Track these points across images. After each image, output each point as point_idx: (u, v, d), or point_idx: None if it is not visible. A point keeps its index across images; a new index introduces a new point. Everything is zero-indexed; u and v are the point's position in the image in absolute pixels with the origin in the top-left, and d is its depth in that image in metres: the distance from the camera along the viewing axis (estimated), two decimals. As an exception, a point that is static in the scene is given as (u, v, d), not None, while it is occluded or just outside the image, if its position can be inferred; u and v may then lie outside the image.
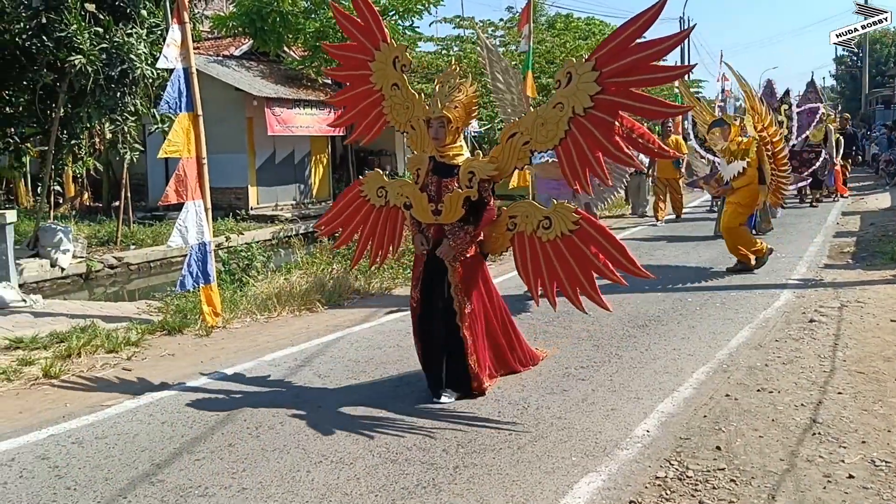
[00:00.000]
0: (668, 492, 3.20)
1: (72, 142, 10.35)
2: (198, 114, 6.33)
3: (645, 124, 5.49)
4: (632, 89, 3.89)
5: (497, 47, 20.97)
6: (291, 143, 18.72)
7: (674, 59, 32.39)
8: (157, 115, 9.78)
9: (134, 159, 11.07)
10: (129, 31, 9.11)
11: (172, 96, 6.15)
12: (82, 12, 8.94)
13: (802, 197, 14.73)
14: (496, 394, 4.43)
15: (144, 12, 9.41)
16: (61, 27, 8.76)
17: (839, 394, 4.29)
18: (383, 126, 4.80)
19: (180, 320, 6.45)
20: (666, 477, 3.33)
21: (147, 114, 10.41)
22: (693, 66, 9.89)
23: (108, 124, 10.37)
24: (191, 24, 6.64)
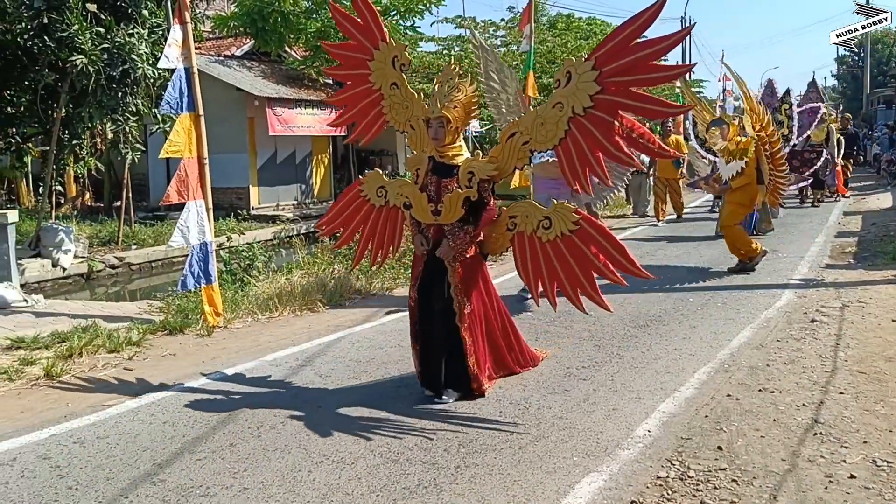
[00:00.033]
0: (670, 492, 3.20)
1: (73, 142, 10.36)
2: (199, 114, 6.33)
3: (647, 124, 5.48)
4: (632, 89, 3.87)
5: (497, 47, 21.09)
6: (293, 143, 18.72)
7: (675, 59, 32.44)
8: (159, 115, 9.77)
9: (135, 159, 11.08)
10: (131, 31, 9.11)
11: (173, 96, 6.16)
12: (84, 12, 8.95)
13: (803, 198, 14.72)
14: (497, 394, 4.43)
15: (146, 12, 9.41)
16: (63, 27, 8.77)
17: (841, 394, 4.28)
18: (383, 125, 4.78)
19: (182, 320, 6.45)
20: (667, 477, 3.33)
21: (148, 114, 10.41)
22: (693, 66, 9.92)
23: (109, 124, 10.37)
24: (192, 24, 6.65)
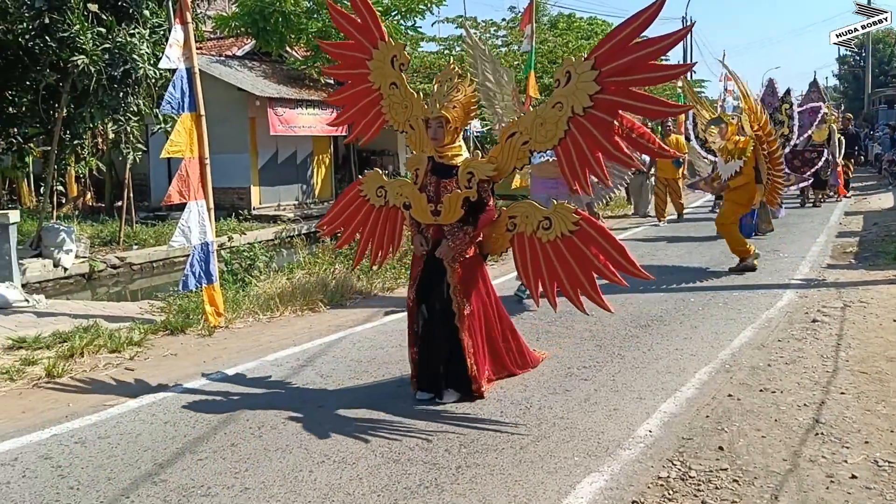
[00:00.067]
0: (671, 492, 3.20)
1: (74, 142, 10.35)
2: (200, 114, 6.34)
3: (648, 124, 5.48)
4: (631, 88, 3.85)
5: (499, 47, 21.07)
6: (294, 143, 18.73)
7: (676, 59, 32.41)
8: (160, 115, 9.78)
9: (137, 159, 11.09)
10: (132, 31, 9.11)
11: (175, 96, 6.16)
12: (85, 12, 8.95)
13: (805, 199, 14.67)
14: (498, 394, 4.43)
15: (147, 12, 9.42)
16: (64, 27, 8.77)
17: (842, 394, 4.28)
18: (382, 125, 4.76)
19: (183, 320, 6.45)
20: (668, 477, 3.33)
21: (150, 114, 10.41)
22: (693, 65, 9.93)
23: (110, 124, 10.38)
24: (193, 24, 6.65)
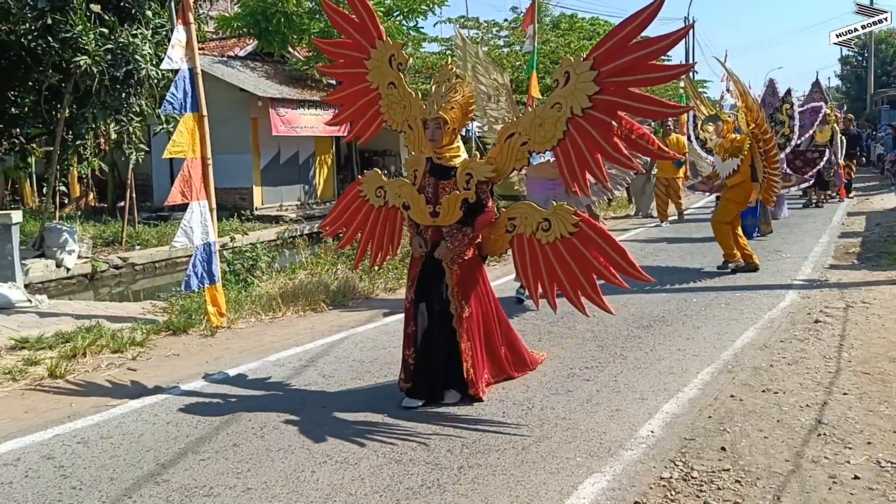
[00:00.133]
0: (673, 492, 3.20)
1: (77, 142, 10.38)
2: (202, 114, 6.34)
3: (650, 124, 5.46)
4: (631, 89, 3.83)
5: (501, 47, 21.05)
6: (296, 144, 18.74)
7: (678, 59, 32.35)
8: (162, 115, 9.80)
9: (139, 160, 11.12)
10: (135, 31, 9.13)
11: (177, 97, 6.17)
12: (87, 13, 8.97)
13: (809, 200, 14.61)
14: (500, 394, 4.43)
15: (149, 13, 9.44)
16: (66, 28, 8.79)
17: (844, 394, 4.28)
18: (381, 125, 4.75)
19: (185, 320, 6.46)
20: (671, 477, 3.33)
21: (152, 114, 10.43)
22: (693, 65, 9.92)
23: (113, 125, 10.41)
24: (195, 24, 6.65)
